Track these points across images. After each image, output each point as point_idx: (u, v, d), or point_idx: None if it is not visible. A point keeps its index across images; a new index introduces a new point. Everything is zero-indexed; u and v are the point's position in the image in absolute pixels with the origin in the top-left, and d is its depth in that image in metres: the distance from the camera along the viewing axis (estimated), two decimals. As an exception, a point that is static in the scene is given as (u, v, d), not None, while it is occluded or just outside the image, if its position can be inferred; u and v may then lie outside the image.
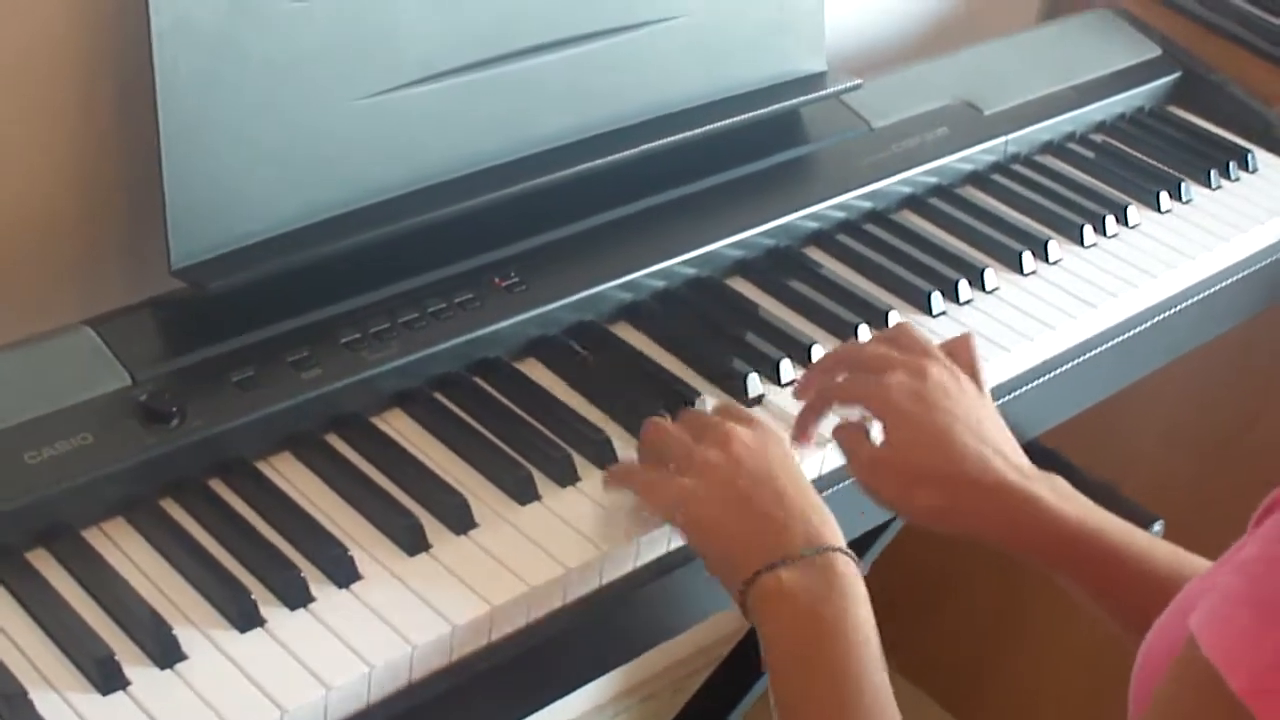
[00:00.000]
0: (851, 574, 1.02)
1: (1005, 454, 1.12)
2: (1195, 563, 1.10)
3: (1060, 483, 1.12)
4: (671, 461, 1.08)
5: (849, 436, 1.14)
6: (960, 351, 1.17)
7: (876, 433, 1.14)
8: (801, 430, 1.18)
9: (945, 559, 2.37)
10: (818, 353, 1.26)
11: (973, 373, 1.16)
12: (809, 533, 1.03)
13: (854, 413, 1.16)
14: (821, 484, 1.19)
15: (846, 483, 1.19)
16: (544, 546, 1.07)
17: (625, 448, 1.15)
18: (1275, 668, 0.70)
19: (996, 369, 1.32)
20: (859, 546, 1.85)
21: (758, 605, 1.01)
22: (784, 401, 1.23)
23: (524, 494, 1.10)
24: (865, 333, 1.30)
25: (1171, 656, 0.78)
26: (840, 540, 1.04)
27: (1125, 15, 1.81)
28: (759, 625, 1.01)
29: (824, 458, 1.19)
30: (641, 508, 1.10)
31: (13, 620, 0.96)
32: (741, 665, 1.91)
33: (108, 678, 0.93)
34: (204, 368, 1.10)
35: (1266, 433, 1.88)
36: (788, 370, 1.25)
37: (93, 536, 1.03)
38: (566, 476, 1.12)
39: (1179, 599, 0.91)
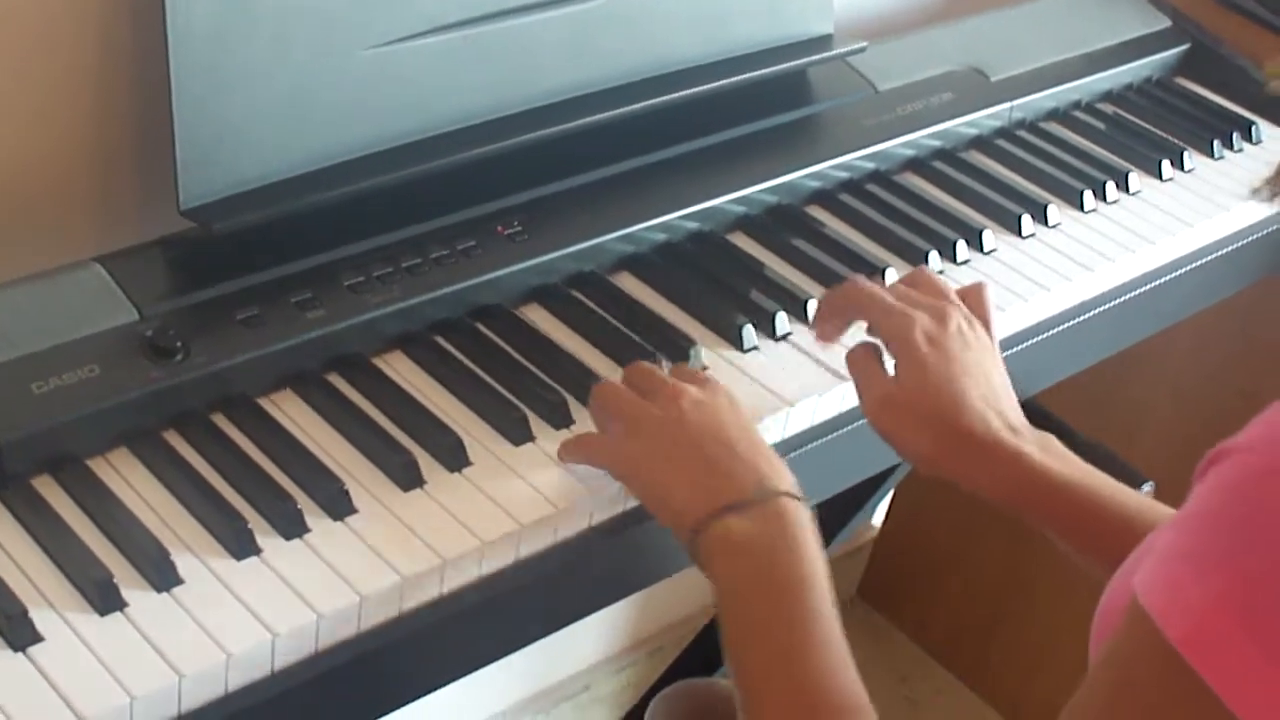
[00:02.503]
0: (801, 517, 1.03)
1: (1004, 411, 1.15)
2: None
3: (1053, 442, 1.15)
4: (618, 421, 1.10)
5: (862, 366, 1.17)
6: (974, 299, 1.20)
7: (888, 364, 1.17)
8: (823, 332, 1.23)
9: (953, 528, 2.40)
10: (814, 307, 1.28)
11: (985, 322, 1.20)
12: (759, 478, 1.04)
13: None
14: (808, 436, 1.23)
15: (826, 438, 1.23)
16: (536, 486, 1.10)
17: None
18: (1208, 618, 0.72)
19: (991, 328, 1.34)
20: (856, 499, 1.90)
21: (707, 554, 1.02)
22: (779, 352, 1.26)
23: (518, 435, 1.13)
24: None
25: (1123, 608, 0.80)
26: (791, 485, 1.05)
27: (1137, -14, 1.82)
28: (709, 574, 1.02)
29: (815, 407, 1.22)
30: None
31: (16, 543, 0.99)
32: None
33: (106, 599, 0.96)
34: (210, 306, 1.13)
35: (1268, 401, 1.89)
36: (783, 323, 1.27)
37: (97, 465, 1.06)
38: (561, 419, 1.15)
39: (1135, 552, 0.93)
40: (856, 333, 1.21)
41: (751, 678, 0.99)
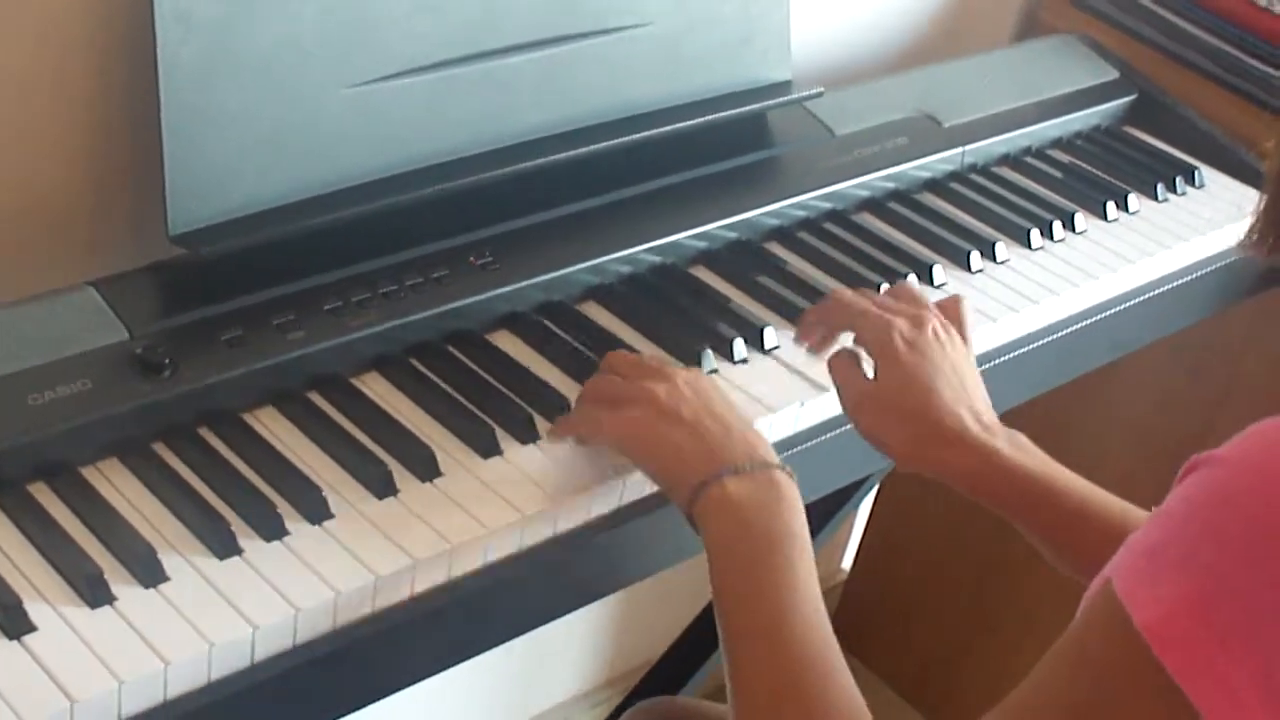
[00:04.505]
0: (790, 486, 1.11)
1: (976, 409, 1.23)
2: (1142, 516, 1.20)
3: (1021, 439, 1.23)
4: (614, 402, 1.17)
5: (842, 369, 1.26)
6: (951, 309, 1.29)
7: (866, 368, 1.25)
8: (806, 334, 1.33)
9: (922, 570, 2.46)
10: (770, 335, 1.36)
11: (961, 329, 1.28)
12: (750, 449, 1.12)
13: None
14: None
15: (800, 448, 1.30)
16: (503, 495, 1.16)
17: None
18: (1174, 610, 0.79)
19: (939, 356, 1.41)
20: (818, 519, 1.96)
21: (704, 513, 1.10)
22: (736, 377, 1.32)
23: (487, 448, 1.20)
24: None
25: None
26: (777, 459, 1.13)
27: (1088, 40, 1.91)
28: (705, 531, 1.10)
29: (771, 424, 1.29)
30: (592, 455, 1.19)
31: (12, 542, 1.06)
32: (700, 638, 2.00)
33: (96, 593, 1.02)
34: (197, 327, 1.20)
35: (1221, 439, 1.96)
36: (740, 349, 1.34)
37: (89, 474, 1.12)
38: (527, 434, 1.21)
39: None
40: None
41: (739, 628, 1.06)
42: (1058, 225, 1.61)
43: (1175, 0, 1.91)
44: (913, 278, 1.48)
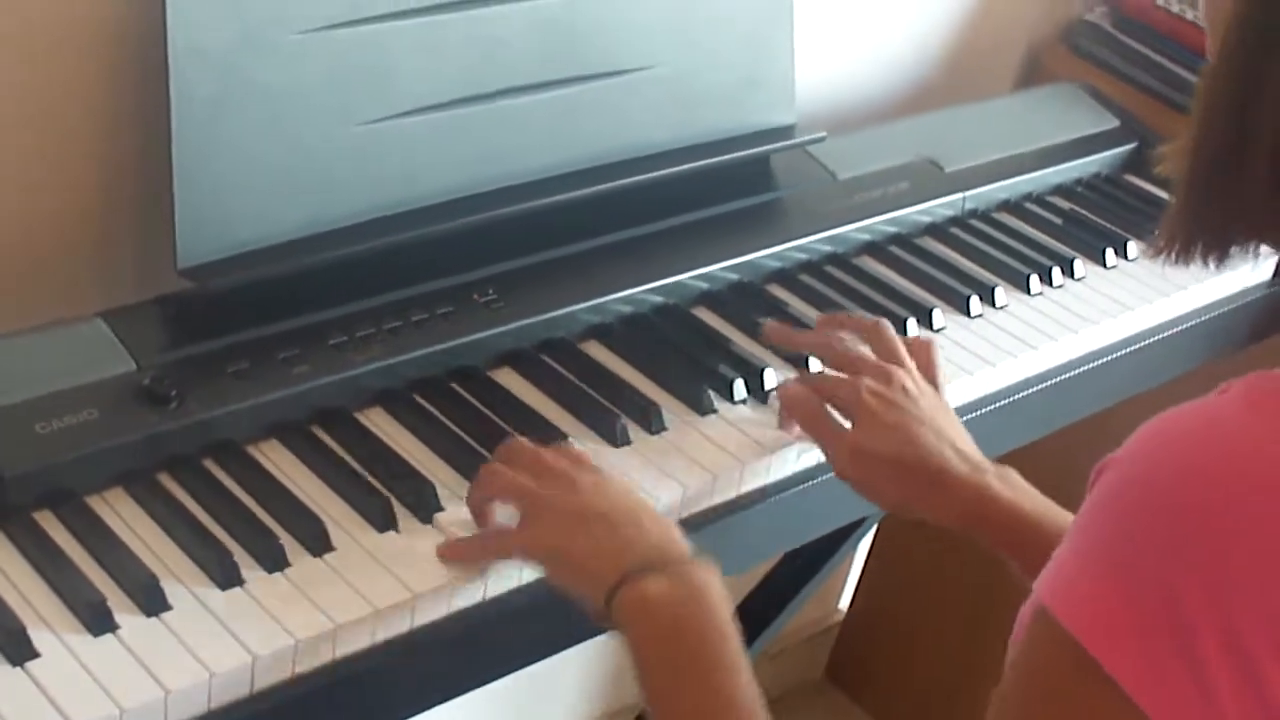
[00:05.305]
0: (709, 578, 1.09)
1: (959, 448, 1.25)
2: None
3: (1010, 474, 1.25)
4: (517, 507, 1.15)
5: (823, 430, 1.28)
6: (920, 355, 1.32)
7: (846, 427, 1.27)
8: (789, 425, 1.32)
9: (919, 610, 2.47)
10: (770, 375, 1.37)
11: (931, 375, 1.31)
12: (663, 545, 1.10)
13: None
14: (760, 495, 1.31)
15: (779, 496, 1.31)
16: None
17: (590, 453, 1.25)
18: (1095, 606, 0.82)
19: (937, 399, 1.42)
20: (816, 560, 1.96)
21: (621, 616, 1.07)
22: (736, 416, 1.34)
23: (488, 484, 1.21)
24: (815, 364, 1.40)
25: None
26: (690, 549, 1.11)
27: (1089, 89, 1.93)
28: (625, 635, 1.07)
29: (770, 465, 1.30)
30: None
31: (17, 569, 1.07)
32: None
33: (99, 621, 1.03)
34: (203, 359, 1.22)
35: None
36: (740, 389, 1.35)
37: (94, 502, 1.13)
38: (529, 471, 1.23)
39: None
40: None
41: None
42: (1057, 271, 1.63)
43: (1175, 49, 1.94)
44: (912, 321, 1.49)
